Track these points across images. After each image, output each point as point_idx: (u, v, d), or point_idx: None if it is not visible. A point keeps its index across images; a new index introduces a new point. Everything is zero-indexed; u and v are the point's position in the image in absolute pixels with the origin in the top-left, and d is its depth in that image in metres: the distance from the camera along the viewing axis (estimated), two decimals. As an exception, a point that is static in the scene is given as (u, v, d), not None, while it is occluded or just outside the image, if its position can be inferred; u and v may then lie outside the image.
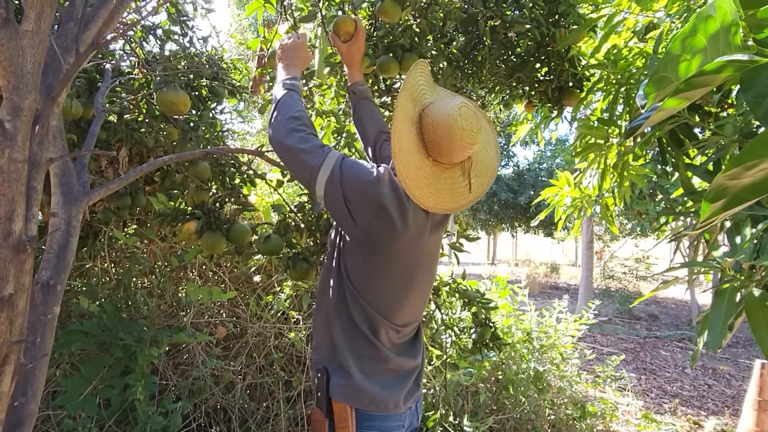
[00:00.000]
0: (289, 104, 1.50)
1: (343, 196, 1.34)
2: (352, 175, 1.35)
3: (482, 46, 2.39)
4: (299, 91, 1.58)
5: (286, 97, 1.52)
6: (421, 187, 1.37)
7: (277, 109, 1.50)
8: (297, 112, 1.48)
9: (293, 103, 1.50)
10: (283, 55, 1.69)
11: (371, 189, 1.33)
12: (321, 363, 1.47)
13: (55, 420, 2.54)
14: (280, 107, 1.49)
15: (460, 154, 1.38)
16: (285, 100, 1.52)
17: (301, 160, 1.39)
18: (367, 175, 1.36)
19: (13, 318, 0.96)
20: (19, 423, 1.12)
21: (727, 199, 0.63)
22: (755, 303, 1.41)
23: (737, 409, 5.12)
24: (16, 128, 0.91)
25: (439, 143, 1.36)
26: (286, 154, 1.43)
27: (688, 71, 0.76)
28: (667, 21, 2.09)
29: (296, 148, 1.39)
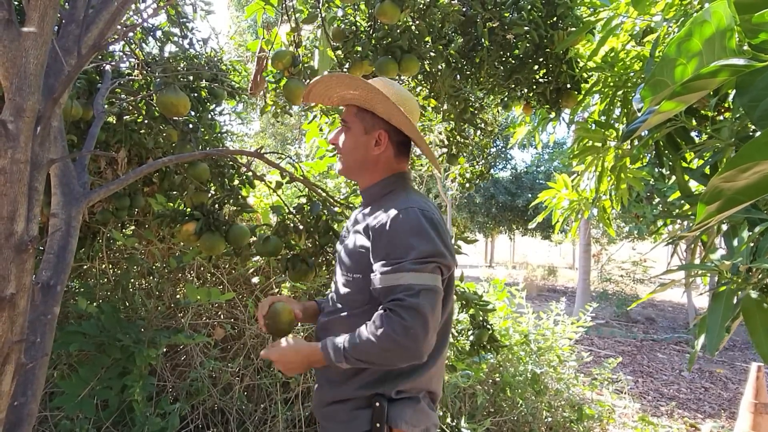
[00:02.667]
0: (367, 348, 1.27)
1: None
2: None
3: (480, 48, 2.41)
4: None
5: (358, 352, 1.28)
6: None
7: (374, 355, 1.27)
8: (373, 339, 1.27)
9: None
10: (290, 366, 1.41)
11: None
12: (371, 390, 1.36)
13: (52, 421, 2.54)
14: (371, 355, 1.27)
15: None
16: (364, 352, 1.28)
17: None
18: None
19: (14, 317, 0.97)
20: (19, 422, 1.13)
21: (722, 201, 0.64)
22: (752, 305, 1.42)
23: (734, 412, 5.14)
24: (18, 129, 0.92)
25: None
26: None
27: (684, 75, 0.77)
28: (664, 25, 2.10)
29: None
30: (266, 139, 13.23)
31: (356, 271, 1.39)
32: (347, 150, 1.50)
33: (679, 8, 2.07)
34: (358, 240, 1.40)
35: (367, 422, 1.35)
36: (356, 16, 2.49)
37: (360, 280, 1.38)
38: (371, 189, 1.51)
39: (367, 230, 1.38)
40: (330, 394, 1.42)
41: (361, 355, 1.25)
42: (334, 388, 1.41)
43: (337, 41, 2.40)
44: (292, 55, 2.20)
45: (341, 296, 1.45)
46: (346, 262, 1.43)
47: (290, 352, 1.36)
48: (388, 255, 1.29)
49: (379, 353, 1.24)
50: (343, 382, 1.40)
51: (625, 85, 2.44)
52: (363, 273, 1.37)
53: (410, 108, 1.48)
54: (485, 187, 16.70)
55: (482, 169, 3.92)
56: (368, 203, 1.51)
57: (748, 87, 0.79)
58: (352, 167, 1.51)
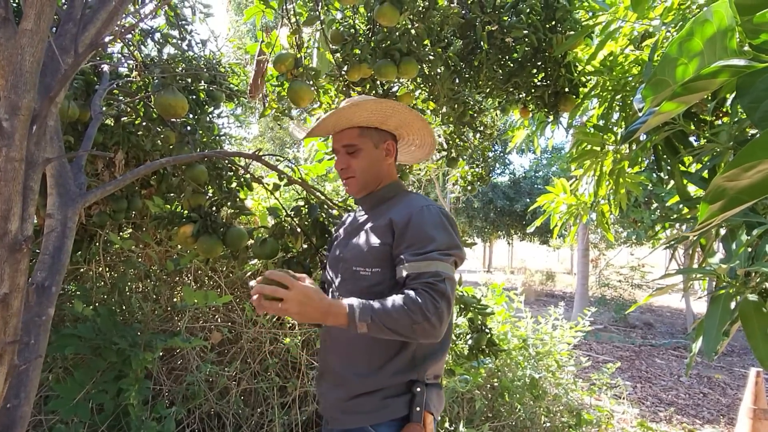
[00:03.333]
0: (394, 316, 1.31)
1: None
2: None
3: (479, 51, 2.41)
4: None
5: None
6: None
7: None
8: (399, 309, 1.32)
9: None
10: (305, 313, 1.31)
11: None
12: (405, 376, 1.43)
13: (47, 425, 2.52)
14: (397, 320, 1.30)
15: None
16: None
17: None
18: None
19: (8, 318, 0.96)
20: (12, 425, 1.11)
21: (725, 200, 0.63)
22: (750, 309, 1.42)
23: (732, 417, 5.12)
24: (13, 127, 0.91)
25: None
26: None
27: (685, 74, 0.76)
28: (662, 29, 2.10)
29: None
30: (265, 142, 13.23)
31: (375, 266, 1.46)
32: (362, 170, 1.57)
33: (677, 12, 2.08)
34: (376, 237, 1.48)
35: (403, 407, 1.42)
36: (355, 18, 2.50)
37: (378, 274, 1.45)
38: (374, 194, 1.61)
39: (390, 226, 1.45)
40: (358, 386, 1.44)
41: (388, 322, 1.28)
42: (364, 380, 1.44)
43: (336, 44, 2.40)
44: (294, 58, 2.20)
45: (355, 291, 1.46)
46: (363, 258, 1.48)
47: (313, 294, 1.26)
48: (414, 244, 1.39)
49: (407, 324, 1.28)
50: (375, 371, 1.43)
51: (623, 89, 2.44)
52: (382, 266, 1.45)
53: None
54: (484, 191, 16.71)
55: (482, 172, 3.92)
56: (370, 207, 1.62)
57: (749, 88, 0.79)
58: (369, 183, 1.60)
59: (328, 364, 1.56)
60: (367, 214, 1.61)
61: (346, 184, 1.60)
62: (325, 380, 1.57)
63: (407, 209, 1.46)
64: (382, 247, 1.46)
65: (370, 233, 1.51)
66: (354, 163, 1.57)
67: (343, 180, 1.60)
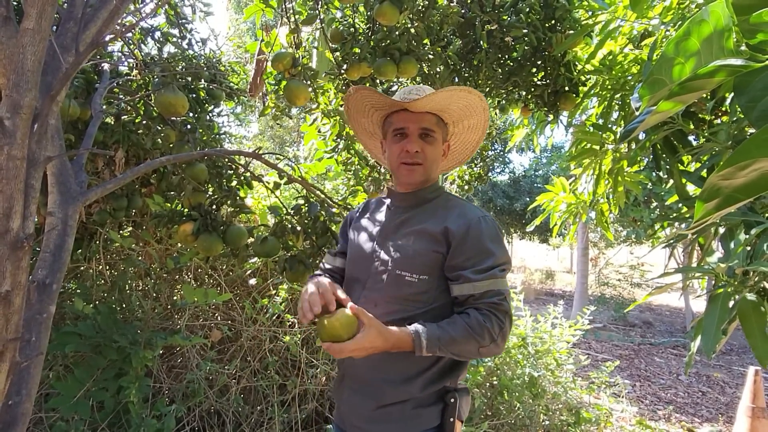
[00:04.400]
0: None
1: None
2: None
3: (479, 50, 2.41)
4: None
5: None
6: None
7: None
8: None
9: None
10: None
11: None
12: (438, 385, 1.39)
13: (47, 422, 2.52)
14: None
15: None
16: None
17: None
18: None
19: (9, 315, 0.96)
20: (13, 422, 1.12)
21: (720, 199, 0.63)
22: (748, 308, 1.42)
23: (731, 416, 5.13)
24: (15, 125, 0.91)
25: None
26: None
27: (682, 74, 0.77)
28: (662, 28, 2.11)
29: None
30: (265, 141, 13.22)
31: (423, 273, 1.39)
32: (431, 161, 1.48)
33: (676, 12, 2.08)
34: (427, 243, 1.40)
35: (436, 417, 1.37)
36: (355, 17, 2.50)
37: (426, 282, 1.39)
38: (420, 193, 1.51)
39: (444, 234, 1.38)
40: (388, 395, 1.37)
41: (455, 348, 1.28)
42: (395, 388, 1.37)
43: (336, 43, 2.41)
44: (292, 57, 2.20)
45: (399, 298, 1.40)
46: (410, 263, 1.40)
47: (379, 341, 1.24)
48: (473, 259, 1.35)
49: (474, 349, 1.30)
50: (408, 380, 1.37)
51: (623, 88, 2.45)
52: (430, 274, 1.39)
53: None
54: (483, 190, 16.72)
55: (480, 172, 3.93)
56: (412, 205, 1.51)
57: (746, 87, 0.79)
58: (427, 177, 1.50)
59: (352, 369, 1.46)
60: (408, 212, 1.50)
61: (410, 170, 1.46)
62: (347, 386, 1.47)
63: (464, 219, 1.40)
64: (434, 255, 1.39)
65: (419, 237, 1.42)
66: (428, 150, 1.46)
67: (407, 164, 1.46)
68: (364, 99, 1.51)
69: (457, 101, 1.45)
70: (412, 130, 1.45)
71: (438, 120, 1.49)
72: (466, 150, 1.68)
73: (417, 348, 1.26)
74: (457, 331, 1.28)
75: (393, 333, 1.26)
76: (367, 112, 1.58)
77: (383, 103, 1.49)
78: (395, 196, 1.55)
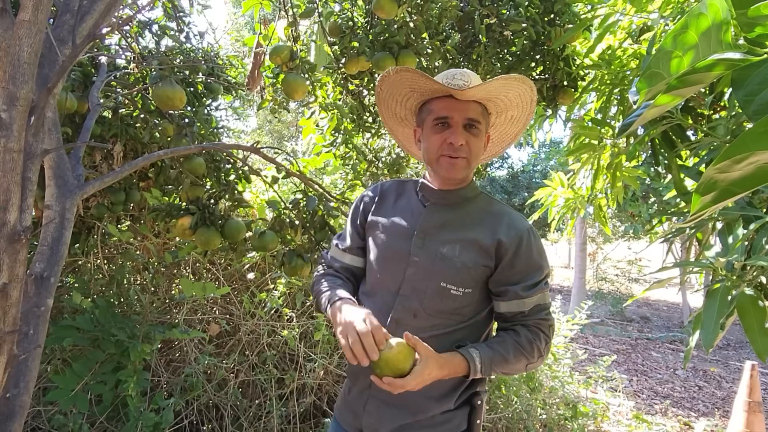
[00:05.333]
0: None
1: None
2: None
3: (478, 44, 2.41)
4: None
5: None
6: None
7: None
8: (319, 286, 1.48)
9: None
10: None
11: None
12: (469, 392, 1.37)
13: (46, 416, 2.53)
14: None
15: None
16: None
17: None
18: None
19: (7, 308, 0.96)
20: (11, 414, 1.12)
21: (717, 192, 0.63)
22: (747, 302, 1.42)
23: (727, 410, 5.16)
24: (12, 118, 0.91)
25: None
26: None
27: (680, 67, 0.77)
28: (661, 23, 2.10)
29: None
30: (263, 135, 13.20)
31: (469, 286, 1.32)
32: (475, 155, 1.35)
33: (675, 5, 2.08)
34: (476, 255, 1.32)
35: (464, 421, 1.36)
36: (353, 11, 2.49)
37: (469, 295, 1.33)
38: (460, 191, 1.41)
39: (496, 246, 1.32)
40: (426, 408, 1.33)
41: (506, 368, 1.30)
42: (434, 403, 1.33)
43: (334, 36, 2.40)
44: (290, 50, 2.19)
45: (443, 311, 1.34)
46: (457, 276, 1.32)
47: (437, 371, 1.21)
48: (523, 274, 1.32)
49: (522, 366, 1.31)
50: (446, 395, 1.34)
51: (621, 83, 2.44)
52: (474, 287, 1.33)
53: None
54: (482, 185, 16.72)
55: (479, 166, 3.93)
56: (451, 204, 1.41)
57: (744, 81, 0.79)
58: (469, 173, 1.39)
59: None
60: (448, 212, 1.39)
61: (452, 164, 1.33)
62: (374, 397, 1.37)
63: (515, 231, 1.33)
64: (483, 269, 1.32)
65: (467, 248, 1.32)
66: (473, 143, 1.33)
67: (450, 158, 1.32)
68: (403, 82, 1.36)
69: (506, 91, 1.33)
70: (456, 120, 1.31)
71: (483, 109, 1.36)
72: (502, 142, 1.55)
73: (472, 373, 1.25)
74: (508, 352, 1.28)
75: (449, 361, 1.23)
76: (403, 96, 1.43)
77: (426, 88, 1.34)
78: (431, 192, 1.42)
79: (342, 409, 1.47)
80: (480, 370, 1.24)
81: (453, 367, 1.23)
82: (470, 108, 1.32)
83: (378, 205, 1.48)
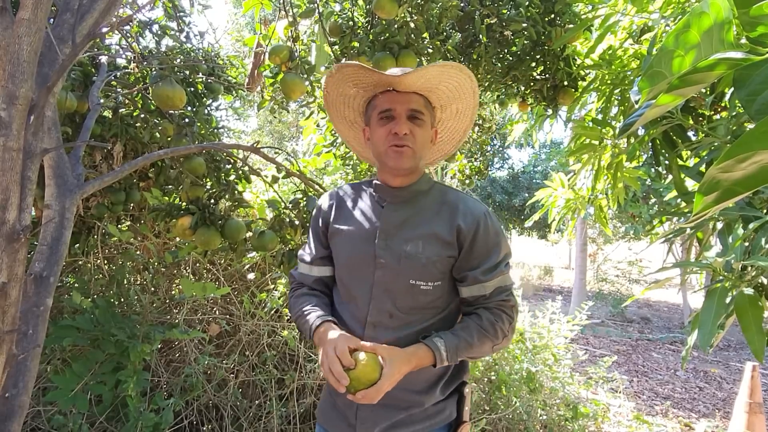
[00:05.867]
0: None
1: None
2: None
3: (478, 44, 2.40)
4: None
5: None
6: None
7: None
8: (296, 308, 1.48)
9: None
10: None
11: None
12: (458, 380, 1.43)
13: (45, 416, 2.53)
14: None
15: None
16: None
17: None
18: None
19: (6, 307, 0.96)
20: (10, 414, 1.12)
21: (719, 191, 0.63)
22: (745, 303, 1.42)
23: (728, 411, 5.15)
24: (11, 117, 0.91)
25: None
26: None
27: (681, 67, 0.76)
28: (661, 23, 2.10)
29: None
30: (263, 136, 13.20)
31: (437, 279, 1.35)
32: (421, 144, 1.36)
33: (676, 6, 2.07)
34: (440, 247, 1.34)
35: (455, 409, 1.42)
36: (354, 11, 2.49)
37: (439, 287, 1.36)
38: (412, 187, 1.42)
39: (455, 234, 1.34)
40: (413, 402, 1.36)
41: (472, 353, 1.32)
42: (421, 396, 1.36)
43: (335, 36, 2.40)
44: (289, 50, 2.19)
45: (415, 307, 1.36)
46: (424, 271, 1.34)
47: (404, 366, 1.25)
48: (483, 258, 1.35)
49: (488, 349, 1.35)
50: (432, 386, 1.38)
51: (622, 83, 2.44)
52: (443, 279, 1.36)
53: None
54: (482, 186, 16.72)
55: (480, 166, 3.92)
56: (406, 200, 1.42)
57: (746, 81, 0.79)
58: (417, 165, 1.39)
59: None
60: (405, 209, 1.41)
61: (399, 152, 1.34)
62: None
63: (472, 216, 1.35)
64: (448, 259, 1.35)
65: (429, 242, 1.34)
66: (417, 133, 1.34)
67: (395, 147, 1.34)
68: (346, 79, 1.38)
69: (447, 80, 1.37)
70: (399, 111, 1.34)
71: (426, 102, 1.39)
72: (453, 139, 1.57)
73: (438, 361, 1.28)
74: (472, 336, 1.31)
75: (414, 353, 1.27)
76: (349, 97, 1.45)
77: (369, 81, 1.37)
78: (386, 191, 1.43)
79: (330, 415, 1.46)
80: (446, 358, 1.27)
81: (419, 358, 1.27)
82: (412, 99, 1.36)
83: (337, 212, 1.49)
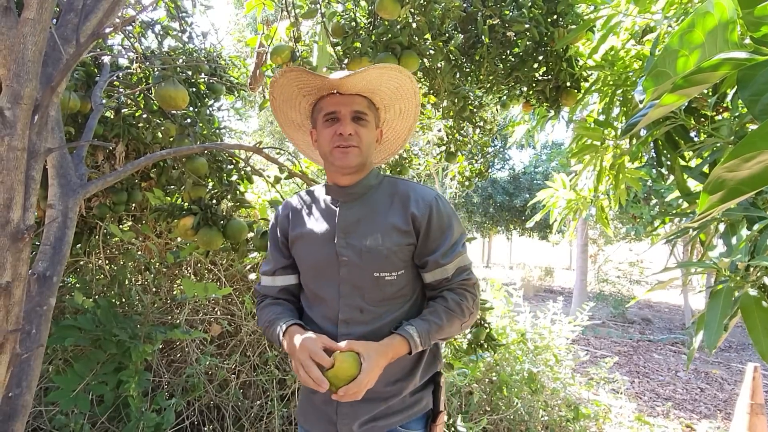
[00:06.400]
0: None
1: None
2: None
3: (481, 45, 2.40)
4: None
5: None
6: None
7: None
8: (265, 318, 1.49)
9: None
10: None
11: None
12: (431, 371, 1.48)
13: (47, 416, 2.53)
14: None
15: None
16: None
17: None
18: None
19: (10, 307, 0.96)
20: (13, 414, 1.12)
21: (725, 191, 0.63)
22: (751, 303, 1.42)
23: (729, 412, 5.15)
24: (15, 116, 0.91)
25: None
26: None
27: (686, 66, 0.76)
28: (664, 23, 2.10)
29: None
30: (264, 136, 13.21)
31: (400, 268, 1.39)
32: (367, 144, 1.40)
33: (679, 6, 2.07)
34: (398, 236, 1.37)
35: (431, 401, 1.47)
36: (356, 11, 2.49)
37: (403, 276, 1.40)
38: (363, 182, 1.45)
39: (410, 222, 1.38)
40: (389, 393, 1.39)
41: (444, 334, 1.37)
42: (399, 384, 1.40)
43: (337, 37, 2.40)
44: (291, 50, 2.19)
45: (383, 299, 1.39)
46: (387, 262, 1.37)
47: (382, 359, 1.28)
48: (439, 242, 1.39)
49: (457, 329, 1.40)
50: (409, 373, 1.42)
51: (624, 84, 2.44)
52: (406, 267, 1.41)
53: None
54: (483, 186, 16.73)
55: (481, 168, 3.92)
56: (359, 197, 1.45)
57: (750, 81, 0.79)
58: (364, 163, 1.42)
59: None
60: (359, 206, 1.44)
61: (345, 152, 1.37)
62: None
63: (424, 202, 1.39)
64: (407, 247, 1.38)
65: (388, 234, 1.37)
66: (362, 133, 1.39)
67: (341, 147, 1.37)
68: (291, 84, 1.41)
69: (387, 82, 1.41)
70: (344, 113, 1.39)
71: (369, 103, 1.43)
72: (398, 138, 1.63)
73: (413, 347, 1.32)
74: (441, 319, 1.36)
75: (389, 345, 1.31)
76: (295, 100, 1.48)
77: (312, 85, 1.41)
78: (337, 191, 1.46)
79: (310, 416, 1.47)
80: (420, 343, 1.32)
81: (395, 349, 1.31)
82: (356, 101, 1.40)
83: (294, 220, 1.52)
